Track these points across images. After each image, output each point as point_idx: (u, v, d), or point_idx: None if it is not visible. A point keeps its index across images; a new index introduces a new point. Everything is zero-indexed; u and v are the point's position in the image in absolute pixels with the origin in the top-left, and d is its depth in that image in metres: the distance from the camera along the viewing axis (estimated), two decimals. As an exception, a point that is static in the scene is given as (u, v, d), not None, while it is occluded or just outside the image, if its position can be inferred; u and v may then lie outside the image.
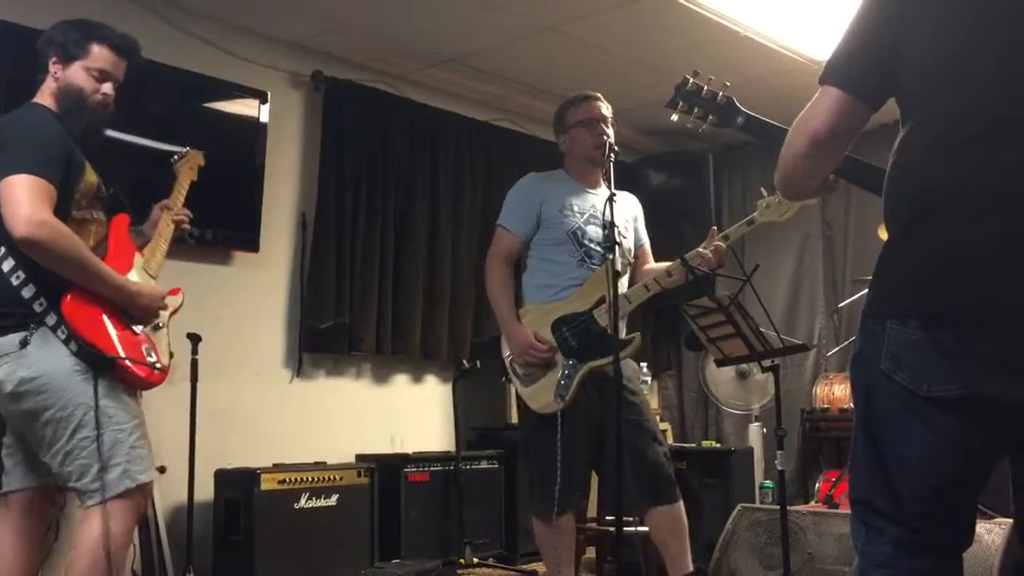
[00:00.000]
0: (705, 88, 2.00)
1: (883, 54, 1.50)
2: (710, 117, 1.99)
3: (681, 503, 3.17)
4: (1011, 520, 1.67)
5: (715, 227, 3.18)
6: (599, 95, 3.31)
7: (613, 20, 4.38)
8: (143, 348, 2.45)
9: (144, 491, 2.41)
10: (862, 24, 1.54)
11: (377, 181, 4.84)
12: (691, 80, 2.02)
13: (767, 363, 2.80)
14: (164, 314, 2.58)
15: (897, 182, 1.50)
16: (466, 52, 4.81)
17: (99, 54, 2.51)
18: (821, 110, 1.52)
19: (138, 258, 2.59)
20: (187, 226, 2.82)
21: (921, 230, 1.43)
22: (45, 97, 2.46)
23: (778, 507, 3.18)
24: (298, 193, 4.71)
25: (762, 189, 3.06)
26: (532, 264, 3.30)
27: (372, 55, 4.84)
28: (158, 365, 2.46)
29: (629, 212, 3.38)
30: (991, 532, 3.22)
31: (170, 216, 2.76)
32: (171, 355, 3.58)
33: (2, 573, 2.42)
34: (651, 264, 3.40)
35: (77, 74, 2.48)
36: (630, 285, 3.24)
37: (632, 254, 3.34)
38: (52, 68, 2.46)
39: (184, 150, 3.00)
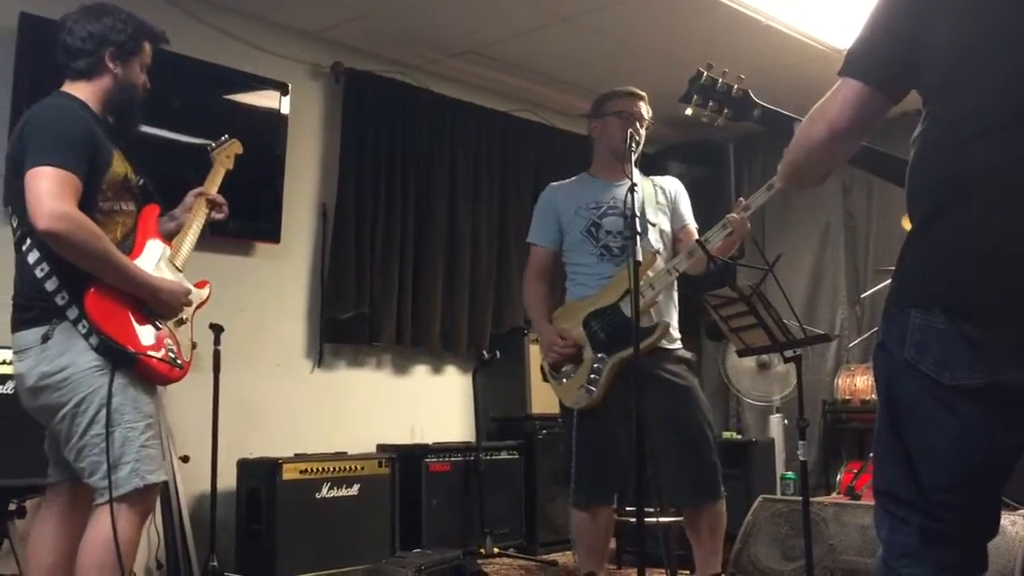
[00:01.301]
0: (720, 81, 1.98)
1: (903, 45, 1.49)
2: (725, 111, 1.96)
3: (723, 502, 3.15)
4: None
5: (741, 199, 3.16)
6: (644, 96, 3.31)
7: (632, 10, 4.36)
8: (166, 343, 2.45)
9: (153, 491, 2.40)
10: (882, 14, 1.53)
11: (396, 172, 4.85)
12: (705, 73, 2.00)
13: (789, 354, 2.78)
14: (188, 308, 2.58)
15: (920, 172, 1.49)
16: (485, 42, 4.81)
17: (148, 51, 2.55)
18: (841, 101, 1.51)
19: (165, 250, 2.59)
20: (222, 214, 2.78)
21: (944, 220, 1.42)
22: (80, 88, 2.44)
23: (799, 498, 3.16)
24: (319, 184, 4.73)
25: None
26: (567, 270, 3.35)
27: (391, 46, 4.84)
28: (179, 361, 2.47)
29: (667, 195, 3.35)
30: (1015, 524, 3.20)
31: (205, 202, 2.75)
32: (194, 346, 3.61)
33: (45, 560, 2.43)
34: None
35: (134, 71, 2.51)
36: None
37: (670, 237, 3.31)
38: (110, 64, 2.45)
39: (223, 138, 2.99)
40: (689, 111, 1.99)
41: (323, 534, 3.99)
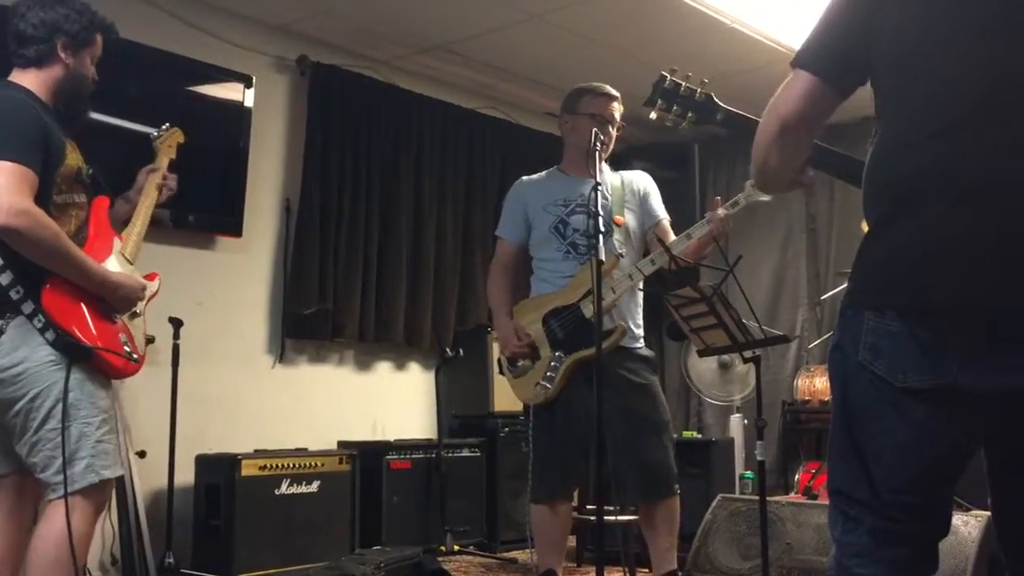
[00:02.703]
0: (684, 85, 1.98)
1: (855, 40, 1.49)
2: (689, 114, 1.96)
3: (677, 499, 3.18)
4: (987, 512, 1.68)
5: (719, 197, 3.18)
6: (618, 96, 3.31)
7: (599, 9, 4.37)
8: (120, 338, 2.43)
9: (109, 486, 2.38)
10: (835, 9, 1.53)
11: (362, 167, 4.82)
12: (669, 77, 2.00)
13: (748, 354, 2.81)
14: (141, 302, 2.56)
15: (875, 173, 1.50)
16: (453, 39, 4.80)
17: (99, 44, 2.52)
18: (790, 94, 1.52)
19: (116, 242, 2.56)
20: (174, 189, 2.78)
21: (898, 221, 1.42)
22: (29, 77, 2.41)
23: (757, 497, 3.19)
24: (282, 178, 4.69)
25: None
26: (533, 265, 3.37)
27: (358, 40, 4.81)
28: (134, 355, 2.45)
29: (636, 190, 3.35)
30: (967, 524, 3.25)
31: (156, 180, 2.74)
32: (152, 340, 3.56)
33: None
34: (671, 239, 3.38)
35: (85, 63, 2.48)
36: None
37: (639, 235, 3.32)
38: (62, 54, 2.42)
39: (165, 126, 2.98)
40: (653, 115, 1.99)
41: (282, 531, 3.97)
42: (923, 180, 1.40)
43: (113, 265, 2.50)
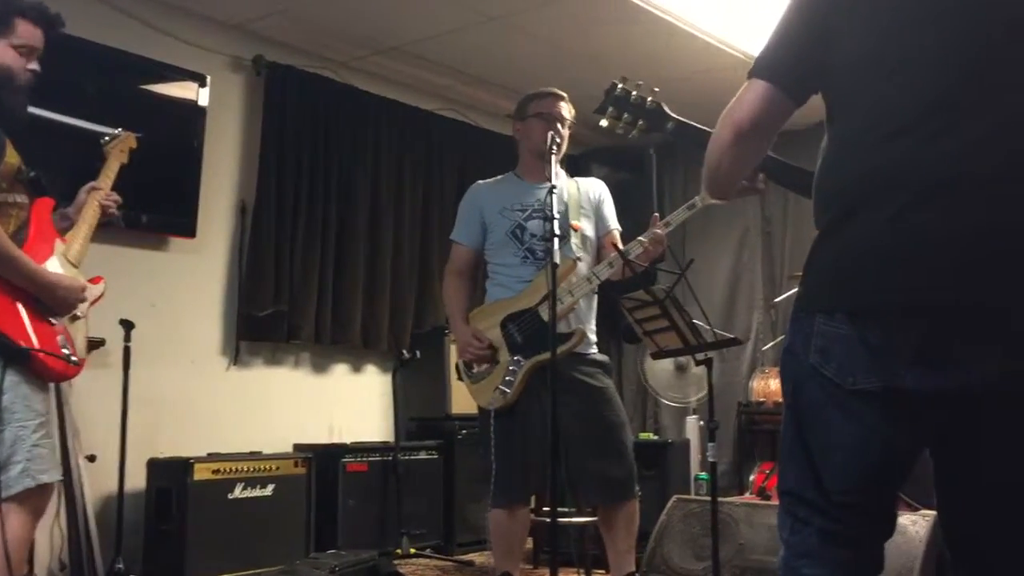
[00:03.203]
0: (634, 93, 1.98)
1: (811, 49, 1.51)
2: (639, 122, 1.97)
3: (636, 501, 3.19)
4: (935, 512, 1.71)
5: (656, 214, 3.20)
6: (565, 96, 3.32)
7: (558, 12, 4.38)
8: (58, 340, 2.38)
9: (46, 491, 2.34)
10: (791, 18, 1.55)
11: (318, 168, 4.79)
12: (620, 85, 2.00)
13: (700, 356, 2.83)
14: (83, 304, 2.50)
15: (826, 177, 1.52)
16: (410, 40, 4.78)
17: (24, 29, 2.42)
18: (746, 102, 1.53)
19: (59, 244, 2.51)
20: (115, 211, 2.72)
21: (849, 224, 1.43)
22: None
23: (711, 498, 3.22)
24: (238, 179, 4.64)
25: None
26: (488, 270, 3.36)
27: (315, 41, 4.78)
28: (73, 358, 2.39)
29: (592, 198, 3.37)
30: (916, 524, 3.31)
31: (97, 199, 2.67)
32: (103, 342, 3.49)
33: None
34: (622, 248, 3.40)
35: (5, 53, 2.39)
36: None
37: (593, 242, 3.33)
38: None
39: (116, 131, 2.92)
40: (604, 122, 1.99)
41: (235, 535, 3.92)
42: (872, 184, 1.42)
43: (55, 267, 2.45)
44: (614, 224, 3.37)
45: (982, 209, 1.35)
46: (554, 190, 2.88)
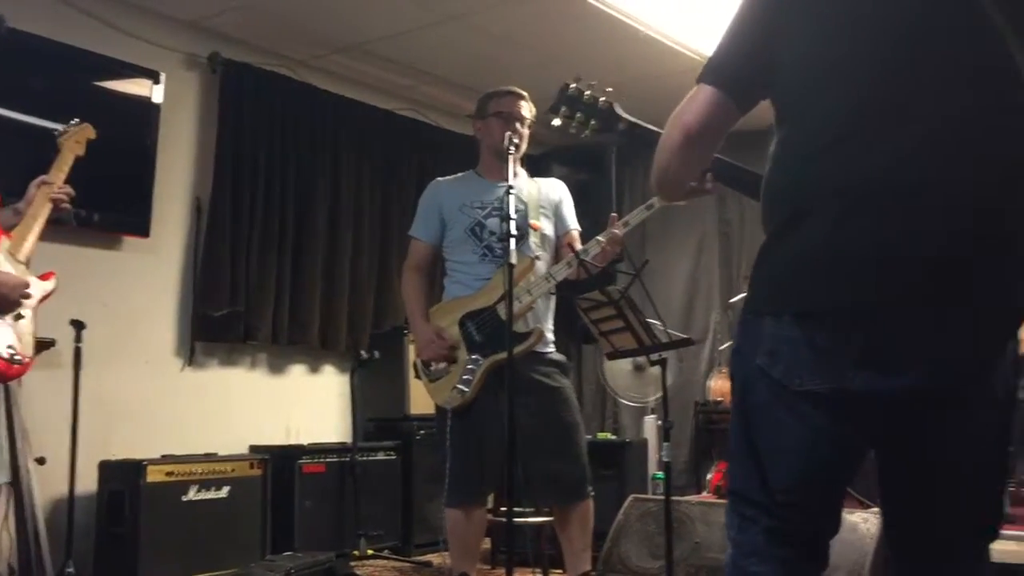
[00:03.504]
0: (587, 93, 2.00)
1: (758, 55, 1.53)
2: (592, 122, 1.98)
3: (591, 501, 3.20)
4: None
5: (615, 214, 3.21)
6: (525, 95, 3.33)
7: (519, 12, 4.39)
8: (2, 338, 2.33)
9: None
10: (740, 23, 1.57)
11: (276, 167, 4.75)
12: (572, 85, 2.02)
13: (655, 357, 2.85)
14: (30, 302, 2.46)
15: (774, 181, 1.53)
16: (370, 39, 4.76)
17: None
18: (694, 106, 1.54)
19: (4, 242, 2.46)
20: (67, 205, 2.65)
21: (794, 229, 1.45)
22: None
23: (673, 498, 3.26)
24: (193, 177, 4.59)
25: None
26: (447, 267, 3.35)
27: (273, 38, 4.74)
28: (17, 357, 2.35)
29: (551, 198, 3.38)
30: (867, 521, 3.35)
31: (48, 193, 2.61)
32: (53, 343, 3.43)
33: None
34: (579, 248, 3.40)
35: None
36: None
37: (552, 242, 3.34)
38: None
39: (73, 122, 2.85)
40: (557, 121, 2.01)
41: (189, 538, 3.88)
42: (815, 190, 1.43)
43: (1, 265, 2.40)
44: (573, 224, 3.38)
45: (918, 215, 1.37)
46: (512, 190, 2.89)
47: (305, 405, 4.96)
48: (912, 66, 1.42)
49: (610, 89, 2.04)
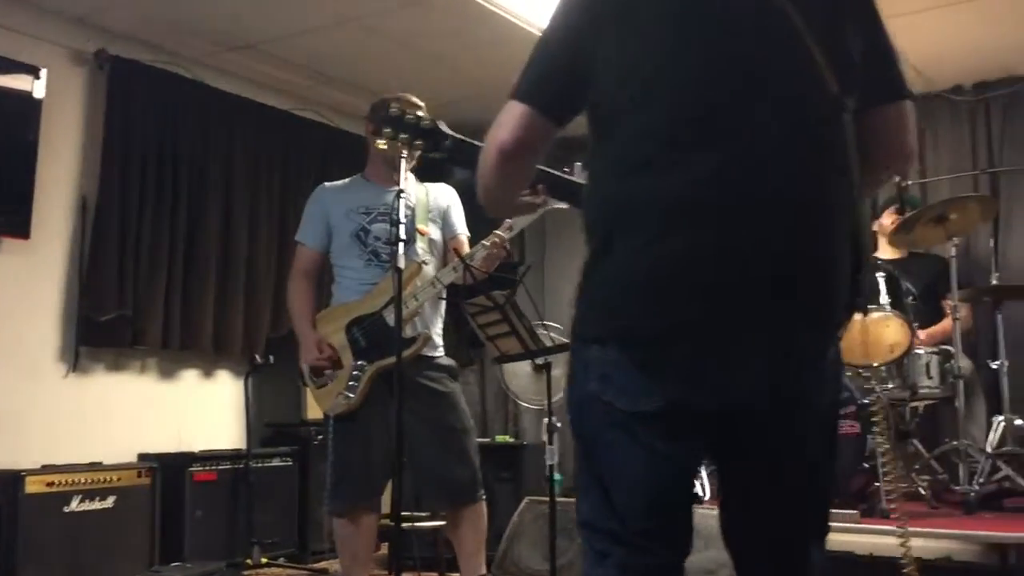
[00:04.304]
0: (408, 113, 1.95)
1: (572, 70, 1.51)
2: (417, 142, 1.94)
3: (483, 504, 3.21)
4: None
5: (507, 219, 3.22)
6: (422, 105, 3.30)
7: (415, 15, 4.36)
8: None
9: None
10: (551, 38, 1.54)
11: (167, 166, 4.63)
12: (392, 105, 1.98)
13: (540, 361, 2.87)
14: None
15: (588, 204, 1.52)
16: (265, 38, 4.67)
17: None
18: (506, 124, 1.52)
19: None
20: None
21: (609, 253, 1.44)
22: None
23: (565, 499, 3.28)
24: (78, 176, 4.43)
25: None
26: (334, 273, 3.32)
27: (163, 35, 4.61)
28: None
29: (440, 204, 3.37)
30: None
31: None
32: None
33: None
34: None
35: None
36: None
37: (441, 247, 3.33)
38: None
39: None
40: (382, 144, 1.96)
41: (72, 551, 3.75)
42: (625, 213, 1.43)
43: None
44: (461, 229, 3.38)
45: (733, 233, 1.38)
46: (402, 194, 2.87)
47: (198, 411, 4.84)
48: (722, 81, 1.42)
49: (423, 106, 1.99)
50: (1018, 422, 3.88)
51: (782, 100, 1.43)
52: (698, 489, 3.52)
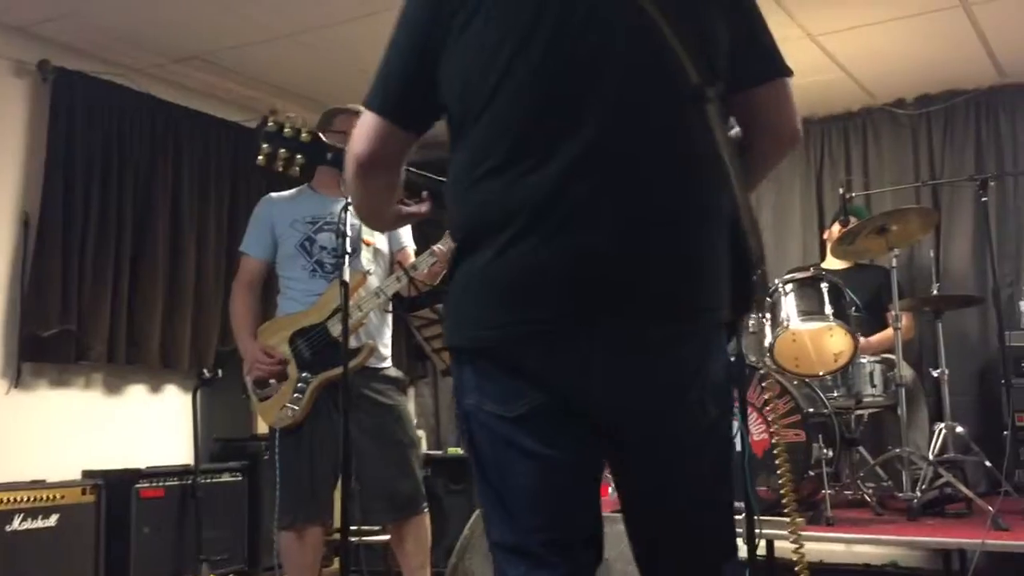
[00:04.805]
0: (287, 127, 1.88)
1: (421, 76, 1.46)
2: (298, 156, 1.87)
3: (426, 516, 3.20)
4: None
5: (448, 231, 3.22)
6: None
7: (360, 30, 4.35)
8: None
9: None
10: (397, 44, 1.49)
11: (112, 179, 4.57)
12: (270, 120, 1.90)
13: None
14: None
15: (449, 210, 1.49)
16: (213, 49, 4.64)
17: None
18: (360, 136, 1.49)
19: None
20: None
21: (465, 263, 1.42)
22: None
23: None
24: (20, 190, 4.35)
25: None
26: (279, 283, 3.29)
27: (108, 46, 4.55)
28: None
29: None
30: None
31: None
32: None
33: None
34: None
35: None
36: None
37: (387, 257, 3.33)
38: None
39: None
40: (260, 158, 1.90)
41: (14, 571, 3.66)
42: (481, 221, 1.41)
43: None
44: (408, 241, 3.38)
45: (583, 236, 1.36)
46: (349, 206, 2.86)
47: (145, 427, 4.77)
48: (566, 82, 1.38)
49: (304, 120, 1.97)
50: (959, 430, 3.96)
51: (631, 96, 1.38)
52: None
